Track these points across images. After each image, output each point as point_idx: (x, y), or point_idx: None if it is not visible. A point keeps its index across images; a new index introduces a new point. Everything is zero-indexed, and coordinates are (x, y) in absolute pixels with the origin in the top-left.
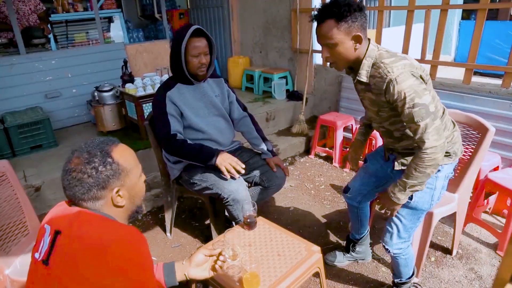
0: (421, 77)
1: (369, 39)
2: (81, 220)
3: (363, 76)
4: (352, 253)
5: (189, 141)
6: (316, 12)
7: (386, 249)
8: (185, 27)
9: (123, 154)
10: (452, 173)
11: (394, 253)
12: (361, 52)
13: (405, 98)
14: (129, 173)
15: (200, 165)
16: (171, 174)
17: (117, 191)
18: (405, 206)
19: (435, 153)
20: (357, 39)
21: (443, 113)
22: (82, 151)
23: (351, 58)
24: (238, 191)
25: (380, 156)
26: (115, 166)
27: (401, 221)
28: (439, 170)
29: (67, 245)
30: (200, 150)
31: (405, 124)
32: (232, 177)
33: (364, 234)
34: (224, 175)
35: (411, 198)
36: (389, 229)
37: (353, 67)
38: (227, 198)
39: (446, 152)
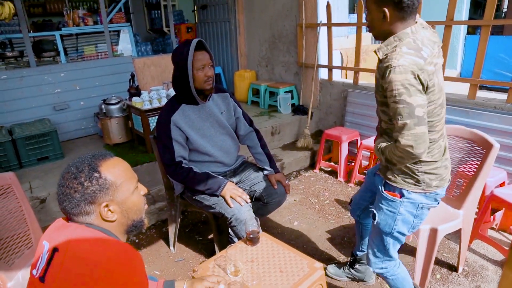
0: (420, 80)
1: (416, 22)
2: (77, 238)
3: (380, 51)
4: (351, 270)
5: (195, 169)
6: None
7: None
8: (185, 43)
9: (114, 169)
10: (429, 205)
11: (377, 272)
12: (391, 29)
13: (393, 89)
14: (119, 188)
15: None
16: (176, 189)
17: (106, 206)
18: (373, 226)
19: (403, 158)
20: (384, 14)
21: (439, 137)
22: (72, 166)
23: (380, 29)
24: (240, 211)
25: (373, 172)
26: (102, 180)
27: (373, 241)
28: (403, 195)
29: (62, 263)
30: (206, 182)
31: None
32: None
33: (364, 252)
34: (228, 204)
35: (374, 218)
36: (367, 248)
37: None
38: (230, 218)
39: (413, 176)
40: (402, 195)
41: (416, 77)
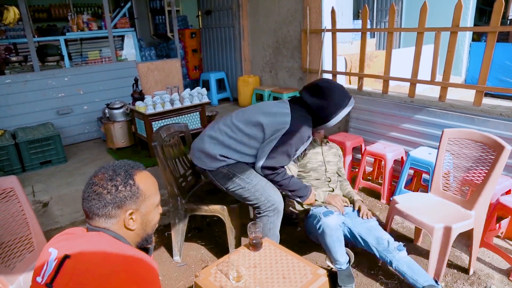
0: None
1: None
2: (92, 245)
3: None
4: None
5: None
6: None
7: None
8: (347, 96)
9: (146, 180)
10: None
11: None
12: None
13: None
14: (147, 200)
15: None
16: (207, 165)
17: (131, 214)
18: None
19: None
20: None
21: None
22: (108, 168)
23: None
24: (281, 203)
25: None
26: (134, 188)
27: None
28: None
29: (74, 269)
30: (299, 185)
31: None
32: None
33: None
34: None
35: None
36: (385, 237)
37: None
38: (269, 207)
39: None
40: None
41: None
